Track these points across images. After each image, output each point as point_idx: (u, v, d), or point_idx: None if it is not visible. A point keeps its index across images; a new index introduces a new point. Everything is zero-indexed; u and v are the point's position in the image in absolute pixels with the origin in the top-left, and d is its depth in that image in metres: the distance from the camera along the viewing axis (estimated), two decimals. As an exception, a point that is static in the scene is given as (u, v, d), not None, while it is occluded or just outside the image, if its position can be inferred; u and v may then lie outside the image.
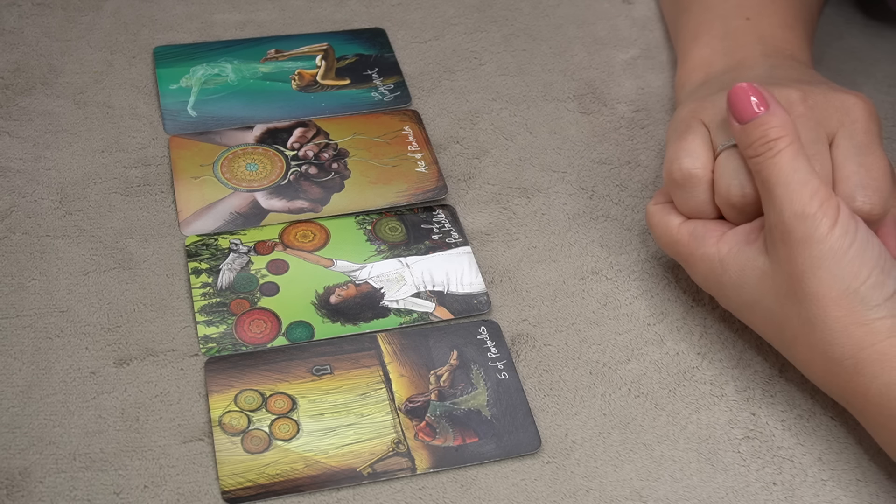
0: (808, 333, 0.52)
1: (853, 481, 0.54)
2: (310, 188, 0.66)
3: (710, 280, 0.56)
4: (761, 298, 0.54)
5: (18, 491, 0.51)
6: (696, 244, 0.56)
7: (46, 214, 0.64)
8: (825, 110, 0.56)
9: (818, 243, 0.51)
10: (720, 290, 0.56)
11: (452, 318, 0.60)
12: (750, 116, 0.54)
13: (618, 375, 0.58)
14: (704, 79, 0.64)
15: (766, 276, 0.53)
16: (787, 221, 0.52)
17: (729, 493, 0.53)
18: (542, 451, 0.54)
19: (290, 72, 0.73)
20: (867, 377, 0.50)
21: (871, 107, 0.57)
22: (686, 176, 0.56)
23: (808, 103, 0.56)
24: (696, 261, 0.57)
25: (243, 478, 0.52)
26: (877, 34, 0.79)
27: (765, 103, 0.54)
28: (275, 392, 0.56)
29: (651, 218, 0.59)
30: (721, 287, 0.56)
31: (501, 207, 0.66)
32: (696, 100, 0.60)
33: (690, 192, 0.57)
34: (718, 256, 0.55)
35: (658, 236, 0.59)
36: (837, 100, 0.57)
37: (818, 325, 0.51)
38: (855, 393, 0.51)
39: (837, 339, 0.51)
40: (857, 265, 0.51)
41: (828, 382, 0.53)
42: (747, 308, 0.55)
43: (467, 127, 0.71)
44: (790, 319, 0.53)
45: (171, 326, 0.59)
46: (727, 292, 0.56)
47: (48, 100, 0.71)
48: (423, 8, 0.80)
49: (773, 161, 0.52)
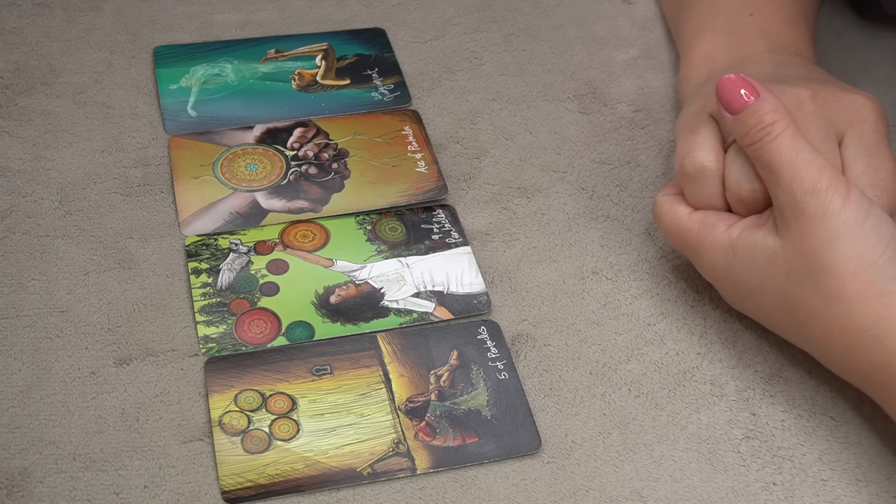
0: (824, 308, 0.52)
1: (853, 481, 0.54)
2: (310, 188, 0.66)
3: (719, 267, 0.56)
4: (771, 279, 0.54)
5: (18, 491, 0.51)
6: (705, 231, 0.56)
7: (46, 214, 0.64)
8: (834, 109, 0.56)
9: (832, 217, 0.51)
10: (728, 276, 0.56)
11: (452, 318, 0.60)
12: (741, 106, 0.54)
13: (618, 375, 0.58)
14: (708, 75, 0.65)
15: (777, 257, 0.53)
16: (798, 200, 0.52)
17: (729, 493, 0.53)
18: (542, 451, 0.54)
19: (290, 72, 0.73)
20: (889, 347, 0.50)
21: (880, 107, 0.57)
22: (699, 169, 0.56)
23: (817, 102, 0.56)
24: (705, 248, 0.57)
25: (243, 478, 0.52)
26: (876, 34, 0.79)
27: (754, 91, 0.54)
28: (275, 392, 0.56)
29: (659, 207, 0.59)
30: (730, 272, 0.56)
31: (501, 207, 0.66)
32: (704, 97, 0.60)
33: (703, 185, 0.57)
34: (729, 241, 0.55)
35: (665, 226, 0.59)
36: (847, 99, 0.57)
37: (836, 299, 0.51)
38: (875, 365, 0.51)
39: (857, 310, 0.51)
40: (874, 238, 0.51)
41: (845, 358, 0.53)
42: (756, 293, 0.55)
43: (467, 127, 0.71)
44: (805, 298, 0.53)
45: (171, 326, 0.59)
46: (736, 276, 0.56)
47: (48, 100, 0.71)
48: (423, 8, 0.80)
49: (773, 144, 0.53)
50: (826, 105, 0.56)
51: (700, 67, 0.66)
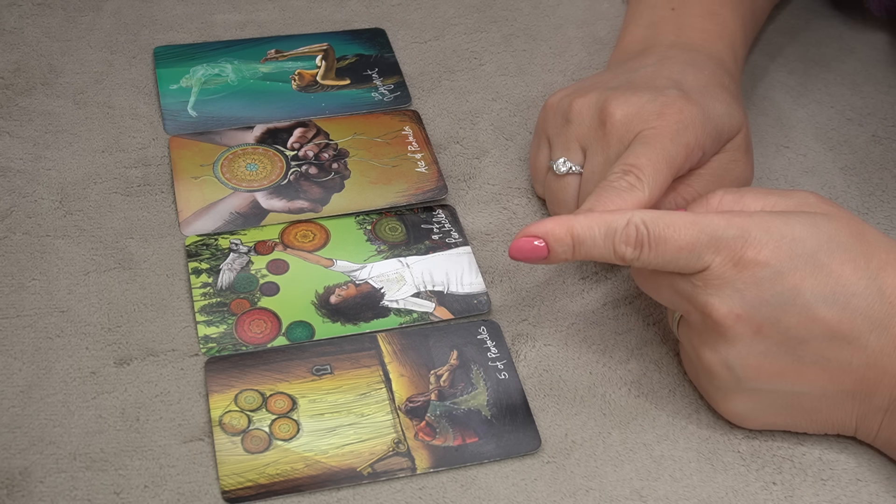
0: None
1: (853, 481, 0.54)
2: (310, 188, 0.66)
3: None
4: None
5: (18, 491, 0.51)
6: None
7: (46, 214, 0.64)
8: (630, 122, 0.58)
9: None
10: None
11: (452, 318, 0.60)
12: (542, 254, 0.53)
13: (618, 375, 0.58)
14: (615, 63, 0.67)
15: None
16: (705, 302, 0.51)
17: (729, 493, 0.53)
18: (542, 451, 0.54)
19: (291, 72, 0.73)
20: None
21: (680, 107, 0.58)
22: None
23: (614, 112, 0.58)
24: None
25: (243, 478, 0.52)
26: (876, 34, 0.79)
27: (540, 231, 0.53)
28: (275, 392, 0.56)
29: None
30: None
31: (501, 207, 0.66)
32: (570, 89, 0.63)
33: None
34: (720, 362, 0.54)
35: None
36: (645, 103, 0.58)
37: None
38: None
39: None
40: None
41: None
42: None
43: (467, 127, 0.71)
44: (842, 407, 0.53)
45: (172, 326, 0.59)
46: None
47: (48, 100, 0.71)
48: (423, 8, 0.80)
49: (643, 258, 0.52)
50: (626, 117, 0.58)
51: (617, 59, 0.68)
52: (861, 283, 0.50)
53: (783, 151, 0.70)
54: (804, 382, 0.51)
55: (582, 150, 0.60)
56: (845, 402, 0.52)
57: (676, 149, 0.56)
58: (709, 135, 0.58)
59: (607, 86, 0.61)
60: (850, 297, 0.49)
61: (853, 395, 0.51)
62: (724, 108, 0.59)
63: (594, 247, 0.52)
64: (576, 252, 0.52)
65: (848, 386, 0.51)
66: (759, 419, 0.54)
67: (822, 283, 0.49)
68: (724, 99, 0.60)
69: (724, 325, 0.50)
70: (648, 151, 0.55)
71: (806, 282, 0.49)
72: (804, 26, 0.80)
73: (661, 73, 0.61)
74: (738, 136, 0.60)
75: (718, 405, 0.54)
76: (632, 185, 0.54)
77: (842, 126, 0.72)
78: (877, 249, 0.51)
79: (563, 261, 0.53)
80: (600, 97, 0.59)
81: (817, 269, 0.49)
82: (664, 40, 0.65)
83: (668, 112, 0.57)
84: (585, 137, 0.59)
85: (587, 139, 0.59)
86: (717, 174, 0.60)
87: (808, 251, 0.50)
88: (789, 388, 0.52)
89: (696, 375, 0.55)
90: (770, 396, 0.52)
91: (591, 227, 0.52)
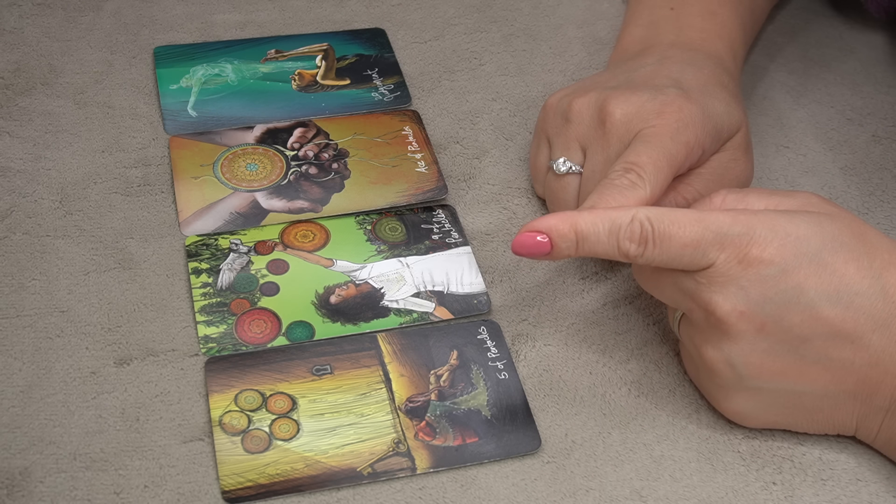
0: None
1: (853, 481, 0.54)
2: (310, 188, 0.66)
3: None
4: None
5: (18, 491, 0.51)
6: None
7: (46, 214, 0.64)
8: (630, 121, 0.58)
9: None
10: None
11: (452, 318, 0.60)
12: (545, 250, 0.53)
13: (618, 375, 0.58)
14: (615, 63, 0.67)
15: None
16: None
17: (729, 493, 0.53)
18: (542, 451, 0.54)
19: (290, 72, 0.73)
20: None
21: (678, 106, 0.58)
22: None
23: (614, 110, 0.58)
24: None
25: (243, 478, 0.52)
26: (876, 34, 0.79)
27: (544, 227, 0.52)
28: (275, 392, 0.56)
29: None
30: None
31: (501, 207, 0.66)
32: (569, 89, 0.63)
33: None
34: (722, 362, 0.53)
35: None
36: (645, 103, 0.58)
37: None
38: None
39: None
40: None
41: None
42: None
43: (467, 127, 0.71)
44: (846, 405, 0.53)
45: (172, 326, 0.59)
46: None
47: (48, 100, 0.71)
48: (423, 8, 0.80)
49: (647, 254, 0.51)
50: (626, 116, 0.58)
51: (616, 58, 0.68)
52: (864, 283, 0.50)
53: (783, 151, 0.70)
54: (806, 381, 0.51)
55: (582, 150, 0.60)
56: (847, 402, 0.52)
57: (677, 147, 0.56)
58: (708, 133, 0.58)
59: (607, 85, 0.61)
60: (853, 296, 0.49)
61: (855, 396, 0.51)
62: (724, 106, 0.60)
63: (598, 243, 0.52)
64: (579, 248, 0.52)
65: (850, 386, 0.51)
66: (760, 418, 0.54)
67: (825, 282, 0.49)
68: (724, 98, 0.60)
69: (727, 322, 0.50)
70: (649, 149, 0.55)
71: (810, 280, 0.49)
72: (804, 26, 0.80)
73: (660, 72, 0.61)
74: (737, 135, 0.60)
75: (719, 404, 0.54)
76: (633, 182, 0.54)
77: (842, 126, 0.72)
78: (879, 250, 0.51)
79: (565, 257, 0.53)
80: (600, 96, 0.59)
81: (821, 268, 0.49)
82: (663, 40, 0.66)
83: (667, 111, 0.57)
84: (585, 137, 0.59)
85: (587, 139, 0.59)
86: (718, 173, 0.60)
87: (812, 250, 0.50)
88: (791, 387, 0.52)
89: (698, 374, 0.55)
90: (772, 395, 0.52)
91: (595, 223, 0.51)
